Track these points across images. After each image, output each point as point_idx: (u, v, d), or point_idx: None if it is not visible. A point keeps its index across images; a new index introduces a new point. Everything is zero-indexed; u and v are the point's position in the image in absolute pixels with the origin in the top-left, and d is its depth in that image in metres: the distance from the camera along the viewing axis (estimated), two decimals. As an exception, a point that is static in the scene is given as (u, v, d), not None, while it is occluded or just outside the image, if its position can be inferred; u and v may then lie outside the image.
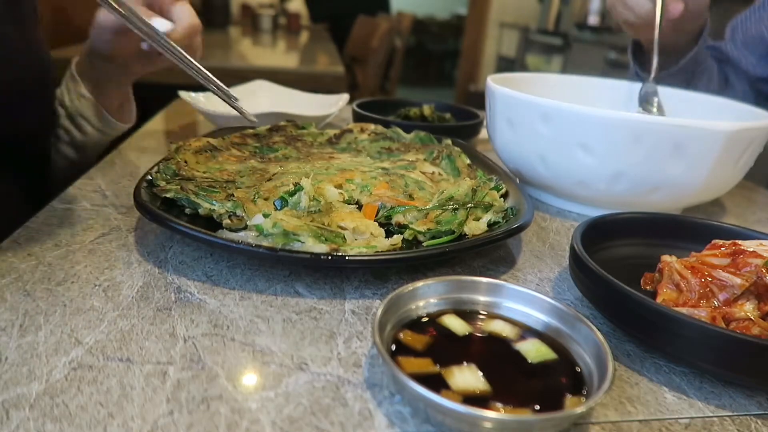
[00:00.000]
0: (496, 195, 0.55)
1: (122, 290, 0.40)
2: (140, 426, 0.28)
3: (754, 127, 0.54)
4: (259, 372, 0.33)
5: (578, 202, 0.62)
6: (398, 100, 1.03)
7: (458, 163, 0.63)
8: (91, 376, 0.31)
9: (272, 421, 0.29)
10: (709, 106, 0.72)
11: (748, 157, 0.57)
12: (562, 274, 0.48)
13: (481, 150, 0.69)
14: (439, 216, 0.50)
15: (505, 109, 0.62)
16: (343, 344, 0.36)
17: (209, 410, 0.30)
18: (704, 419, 0.33)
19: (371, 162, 0.63)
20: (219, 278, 0.43)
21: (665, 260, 0.43)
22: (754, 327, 0.37)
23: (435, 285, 0.37)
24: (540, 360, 0.33)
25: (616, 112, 0.54)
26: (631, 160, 0.54)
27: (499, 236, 0.46)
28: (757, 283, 0.38)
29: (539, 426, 0.29)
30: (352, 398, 0.32)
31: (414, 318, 0.36)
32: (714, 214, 0.69)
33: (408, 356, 0.32)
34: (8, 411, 0.29)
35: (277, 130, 0.72)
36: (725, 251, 0.42)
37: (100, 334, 0.35)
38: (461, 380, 0.31)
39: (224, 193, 0.50)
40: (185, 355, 0.34)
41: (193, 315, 0.38)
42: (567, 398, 0.30)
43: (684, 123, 0.52)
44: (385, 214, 0.50)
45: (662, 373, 0.37)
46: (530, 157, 0.61)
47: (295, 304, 0.40)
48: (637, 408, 0.33)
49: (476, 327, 0.36)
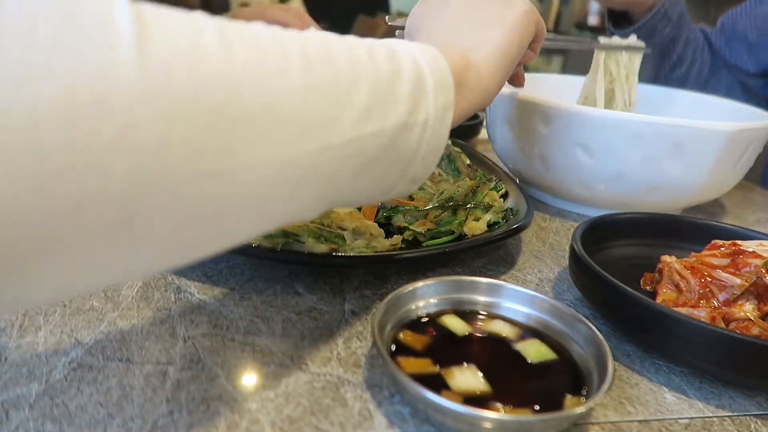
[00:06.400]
0: (496, 195, 0.55)
1: (122, 290, 0.40)
2: (140, 426, 0.28)
3: (754, 127, 0.54)
4: (259, 372, 0.33)
5: (578, 202, 0.62)
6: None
7: (458, 163, 0.63)
8: (90, 377, 0.31)
9: (272, 422, 0.29)
10: (708, 106, 0.72)
11: (747, 157, 0.57)
12: (561, 274, 0.48)
13: (481, 150, 0.69)
14: (438, 216, 0.50)
15: (505, 109, 0.62)
16: (342, 344, 0.36)
17: (209, 410, 0.30)
18: (704, 419, 0.33)
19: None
20: (219, 278, 0.43)
21: (665, 260, 0.43)
22: (753, 327, 0.37)
23: (435, 285, 0.37)
24: (540, 360, 0.33)
25: (616, 112, 0.54)
26: (631, 161, 0.54)
27: (498, 236, 0.46)
28: (757, 284, 0.38)
29: (539, 426, 0.29)
30: (352, 398, 0.32)
31: (414, 318, 0.36)
32: (714, 214, 0.69)
33: (408, 356, 0.32)
34: (8, 411, 0.29)
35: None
36: (725, 251, 0.42)
37: (99, 334, 0.35)
38: (461, 380, 0.31)
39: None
40: (185, 355, 0.34)
41: (193, 315, 0.38)
42: (567, 398, 0.30)
43: (684, 123, 0.52)
44: (385, 215, 0.50)
45: (662, 373, 0.37)
46: (530, 157, 0.61)
47: (295, 304, 0.40)
48: (636, 408, 0.33)
49: (476, 327, 0.36)
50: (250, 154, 0.22)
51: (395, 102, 0.29)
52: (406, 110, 0.29)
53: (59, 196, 0.18)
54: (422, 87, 0.30)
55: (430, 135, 0.31)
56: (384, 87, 0.28)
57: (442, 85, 0.32)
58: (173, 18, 0.21)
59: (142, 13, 0.19)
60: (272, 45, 0.24)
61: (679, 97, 0.76)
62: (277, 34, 0.25)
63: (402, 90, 0.29)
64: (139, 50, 0.19)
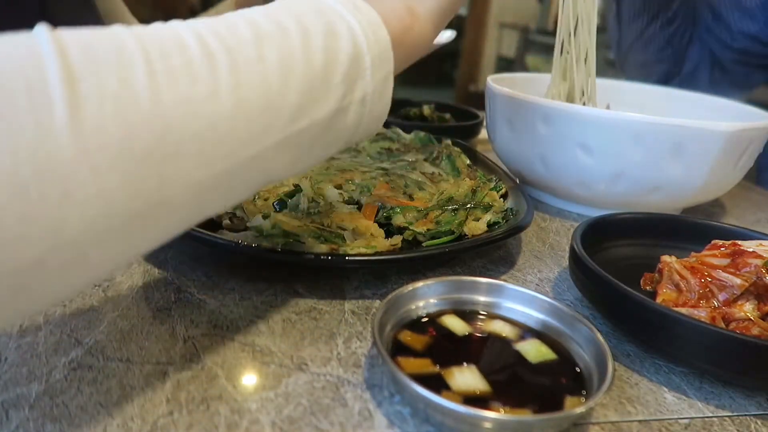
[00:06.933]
0: (496, 195, 0.55)
1: (122, 290, 0.40)
2: (140, 426, 0.28)
3: (754, 127, 0.54)
4: (259, 372, 0.33)
5: (578, 202, 0.62)
6: (398, 100, 1.03)
7: (458, 164, 0.63)
8: (90, 377, 0.31)
9: (272, 422, 0.29)
10: (708, 106, 0.72)
11: (747, 157, 0.57)
12: (561, 274, 0.48)
13: (481, 150, 0.69)
14: (438, 216, 0.50)
15: (505, 109, 0.62)
16: (342, 344, 0.36)
17: (209, 410, 0.30)
18: (704, 419, 0.33)
19: (371, 162, 0.63)
20: (219, 278, 0.43)
21: (665, 260, 0.43)
22: (753, 327, 0.37)
23: (435, 285, 0.37)
24: (540, 360, 0.33)
25: (616, 112, 0.54)
26: (631, 160, 0.54)
27: (498, 236, 0.46)
28: (757, 284, 0.38)
29: (539, 426, 0.29)
30: (352, 398, 0.32)
31: (414, 318, 0.36)
32: (714, 214, 0.69)
33: (408, 356, 0.32)
34: (8, 411, 0.29)
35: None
36: (725, 251, 0.42)
37: (99, 335, 0.35)
38: (461, 380, 0.31)
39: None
40: (185, 355, 0.34)
41: (193, 315, 0.38)
42: (567, 398, 0.30)
43: (684, 123, 0.52)
44: (385, 215, 0.50)
45: (662, 373, 0.37)
46: (530, 157, 0.61)
47: (295, 304, 0.40)
48: (636, 408, 0.33)
49: (476, 327, 0.36)
50: (184, 179, 0.25)
51: (327, 93, 0.30)
52: (340, 96, 0.30)
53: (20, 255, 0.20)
54: (358, 66, 0.31)
55: (370, 108, 0.33)
56: (317, 83, 0.29)
57: (380, 59, 0.32)
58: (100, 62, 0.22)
59: (72, 68, 0.21)
60: (201, 64, 0.25)
61: (679, 97, 0.76)
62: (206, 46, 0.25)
63: (335, 79, 0.30)
64: (71, 113, 0.20)
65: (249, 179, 0.29)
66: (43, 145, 0.20)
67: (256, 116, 0.27)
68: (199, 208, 0.27)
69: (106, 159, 0.21)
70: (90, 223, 0.22)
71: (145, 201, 0.23)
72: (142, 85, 0.23)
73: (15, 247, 0.20)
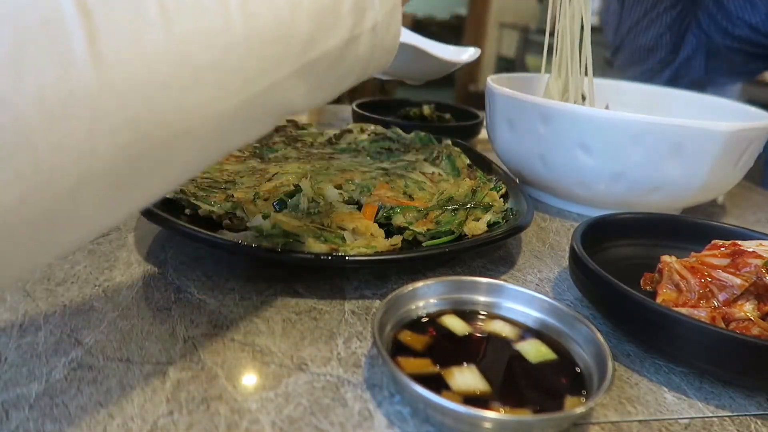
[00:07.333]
0: (496, 195, 0.55)
1: (122, 290, 0.40)
2: (140, 426, 0.28)
3: (753, 127, 0.54)
4: (259, 372, 0.33)
5: (578, 202, 0.62)
6: (398, 100, 1.03)
7: (458, 164, 0.63)
8: (90, 377, 0.31)
9: (272, 422, 0.29)
10: (708, 106, 0.72)
11: (747, 157, 0.57)
12: (561, 274, 0.48)
13: (481, 150, 0.69)
14: (438, 216, 0.50)
15: (505, 109, 0.62)
16: (342, 344, 0.36)
17: (209, 410, 0.30)
18: (704, 419, 0.33)
19: (371, 162, 0.63)
20: (219, 278, 0.43)
21: (665, 260, 0.43)
22: (754, 327, 0.37)
23: (435, 285, 0.37)
24: (540, 360, 0.33)
25: (616, 112, 0.54)
26: (631, 161, 0.54)
27: (498, 236, 0.46)
28: (757, 284, 0.38)
29: (539, 426, 0.29)
30: (352, 398, 0.32)
31: (414, 318, 0.36)
32: (714, 214, 0.69)
33: (408, 356, 0.32)
34: (8, 411, 0.29)
35: (277, 130, 0.72)
36: (725, 251, 0.42)
37: (99, 335, 0.35)
38: (461, 380, 0.31)
39: (224, 194, 0.50)
40: (185, 355, 0.34)
41: (192, 315, 0.38)
42: (567, 398, 0.30)
43: (684, 123, 0.52)
44: (385, 215, 0.50)
45: (662, 374, 0.37)
46: (530, 157, 0.61)
47: (295, 304, 0.40)
48: (636, 408, 0.33)
49: (476, 327, 0.36)
50: (205, 109, 0.25)
51: (337, 22, 0.30)
52: (350, 25, 0.31)
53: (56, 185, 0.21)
54: None
55: (381, 37, 0.33)
56: (327, 12, 0.30)
57: None
58: None
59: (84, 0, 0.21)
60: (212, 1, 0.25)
61: (679, 97, 0.76)
62: None
63: (344, 8, 0.30)
64: (89, 45, 0.21)
65: (268, 110, 0.29)
66: (67, 76, 0.20)
67: (268, 46, 0.27)
68: (222, 139, 0.28)
69: (129, 89, 0.22)
70: (120, 150, 0.22)
71: (170, 130, 0.24)
72: (154, 17, 0.23)
73: (51, 176, 0.21)
